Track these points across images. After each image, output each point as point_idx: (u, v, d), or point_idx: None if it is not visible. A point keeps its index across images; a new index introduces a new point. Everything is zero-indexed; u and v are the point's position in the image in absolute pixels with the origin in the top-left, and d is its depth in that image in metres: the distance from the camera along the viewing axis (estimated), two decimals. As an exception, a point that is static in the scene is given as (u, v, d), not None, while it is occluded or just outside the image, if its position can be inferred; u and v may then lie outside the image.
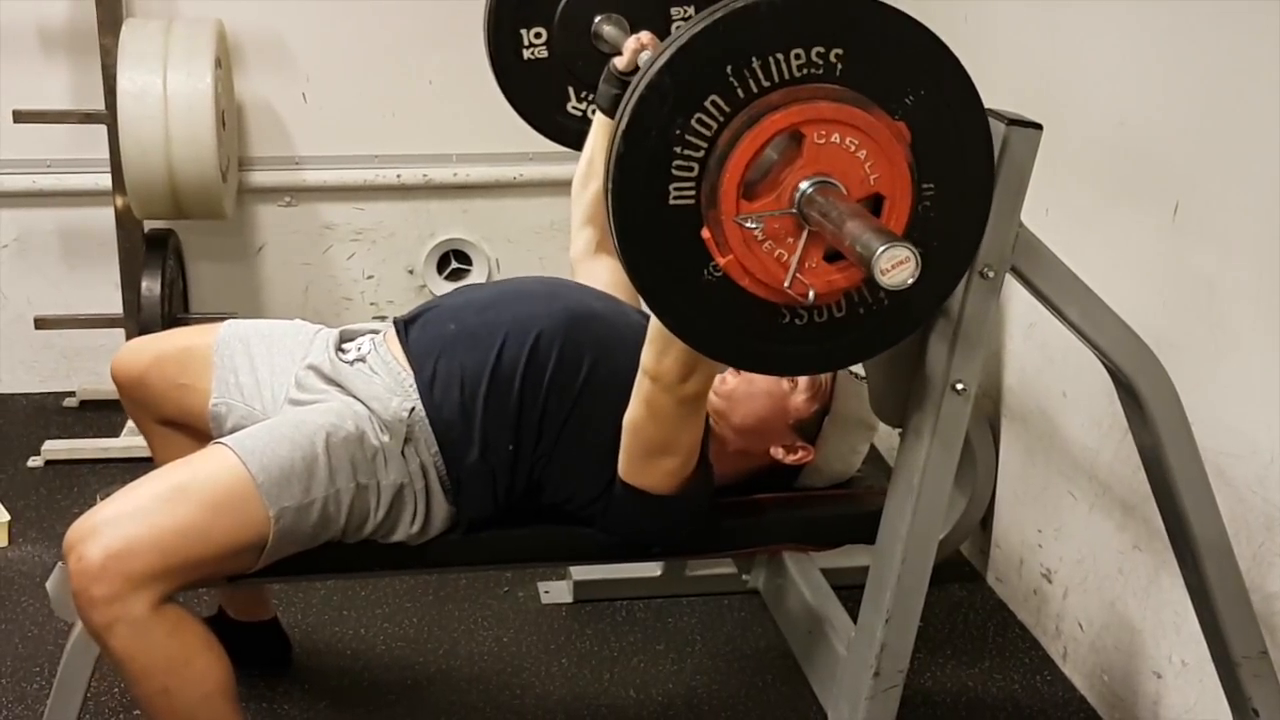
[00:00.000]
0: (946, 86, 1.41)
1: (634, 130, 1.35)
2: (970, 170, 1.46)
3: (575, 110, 2.34)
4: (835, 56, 1.36)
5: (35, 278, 3.33)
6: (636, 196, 1.37)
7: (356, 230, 3.47)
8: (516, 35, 2.28)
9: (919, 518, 1.65)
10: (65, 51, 3.18)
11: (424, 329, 1.92)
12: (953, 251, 1.50)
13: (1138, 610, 2.19)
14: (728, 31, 1.34)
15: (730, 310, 1.42)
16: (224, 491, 1.67)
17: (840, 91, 1.36)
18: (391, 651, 2.41)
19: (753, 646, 2.46)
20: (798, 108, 1.34)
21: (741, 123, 1.35)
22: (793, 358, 1.51)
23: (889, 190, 1.39)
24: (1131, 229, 2.15)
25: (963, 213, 1.47)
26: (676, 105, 1.34)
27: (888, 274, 1.24)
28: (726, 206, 1.35)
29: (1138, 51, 2.14)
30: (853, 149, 1.36)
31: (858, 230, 1.27)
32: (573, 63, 2.28)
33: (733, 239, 1.37)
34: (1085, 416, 2.31)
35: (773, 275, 1.38)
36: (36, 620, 2.44)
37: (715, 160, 1.36)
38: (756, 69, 1.34)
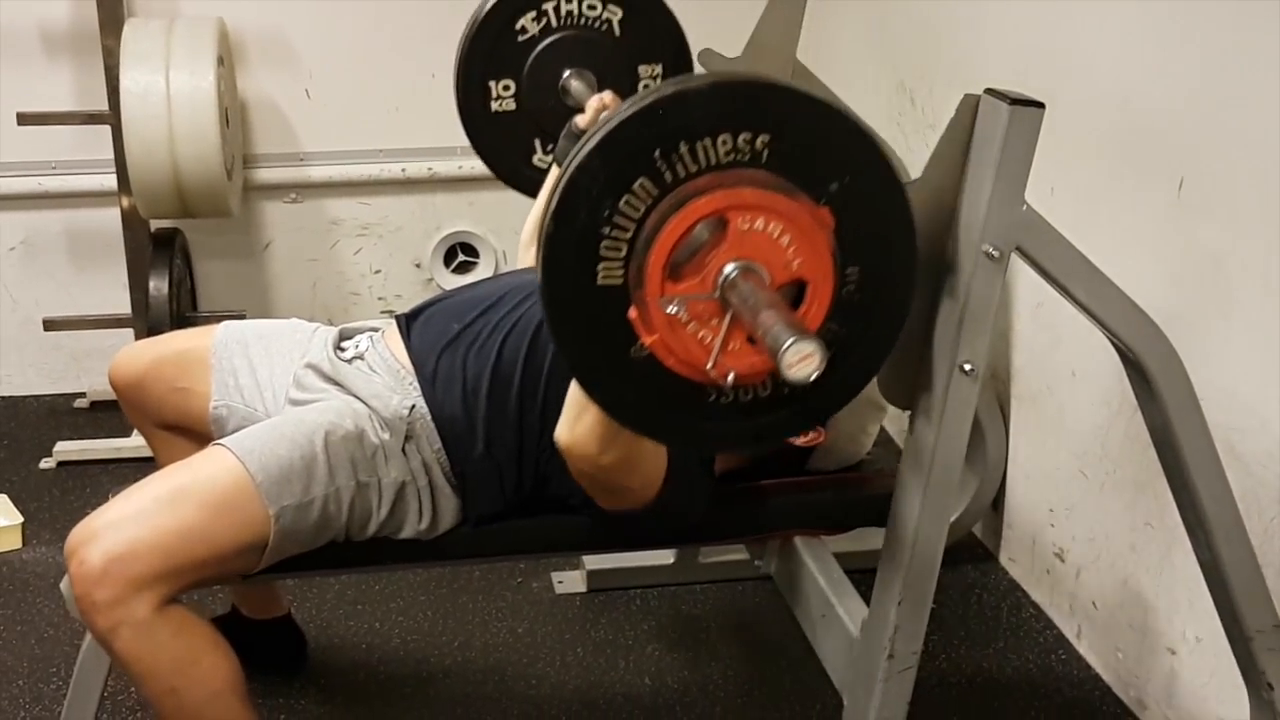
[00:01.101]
0: (870, 174, 1.44)
1: (564, 210, 1.38)
2: (894, 255, 1.48)
3: (541, 163, 2.38)
4: (761, 143, 1.38)
5: (43, 280, 3.34)
6: (566, 275, 1.40)
7: (363, 225, 3.47)
8: (485, 87, 2.32)
9: (930, 499, 1.65)
10: (68, 53, 3.18)
11: (426, 325, 1.92)
12: (876, 334, 1.52)
13: (1151, 587, 2.19)
14: (657, 117, 1.36)
15: (657, 387, 1.45)
16: (224, 492, 1.67)
17: (765, 177, 1.39)
18: (406, 645, 2.42)
19: (767, 631, 2.47)
20: (722, 193, 1.37)
21: (668, 206, 1.37)
22: (718, 435, 1.54)
23: (811, 275, 1.41)
24: (1137, 206, 2.14)
25: (886, 297, 1.50)
26: (606, 187, 1.37)
27: (792, 368, 1.27)
28: (651, 289, 1.38)
29: (1141, 28, 2.13)
30: (776, 235, 1.39)
31: (770, 321, 1.30)
32: (540, 116, 2.33)
33: (658, 320, 1.39)
34: (1094, 395, 2.31)
35: (696, 356, 1.41)
36: (52, 621, 2.45)
37: (642, 242, 1.38)
38: (684, 153, 1.37)
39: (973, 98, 1.58)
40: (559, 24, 2.30)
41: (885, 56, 3.12)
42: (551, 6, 2.28)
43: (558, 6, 2.28)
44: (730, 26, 2.52)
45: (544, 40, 2.30)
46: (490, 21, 2.29)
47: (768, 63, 2.41)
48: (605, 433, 1.61)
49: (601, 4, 2.29)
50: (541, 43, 2.30)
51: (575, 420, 1.63)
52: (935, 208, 1.61)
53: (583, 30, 2.30)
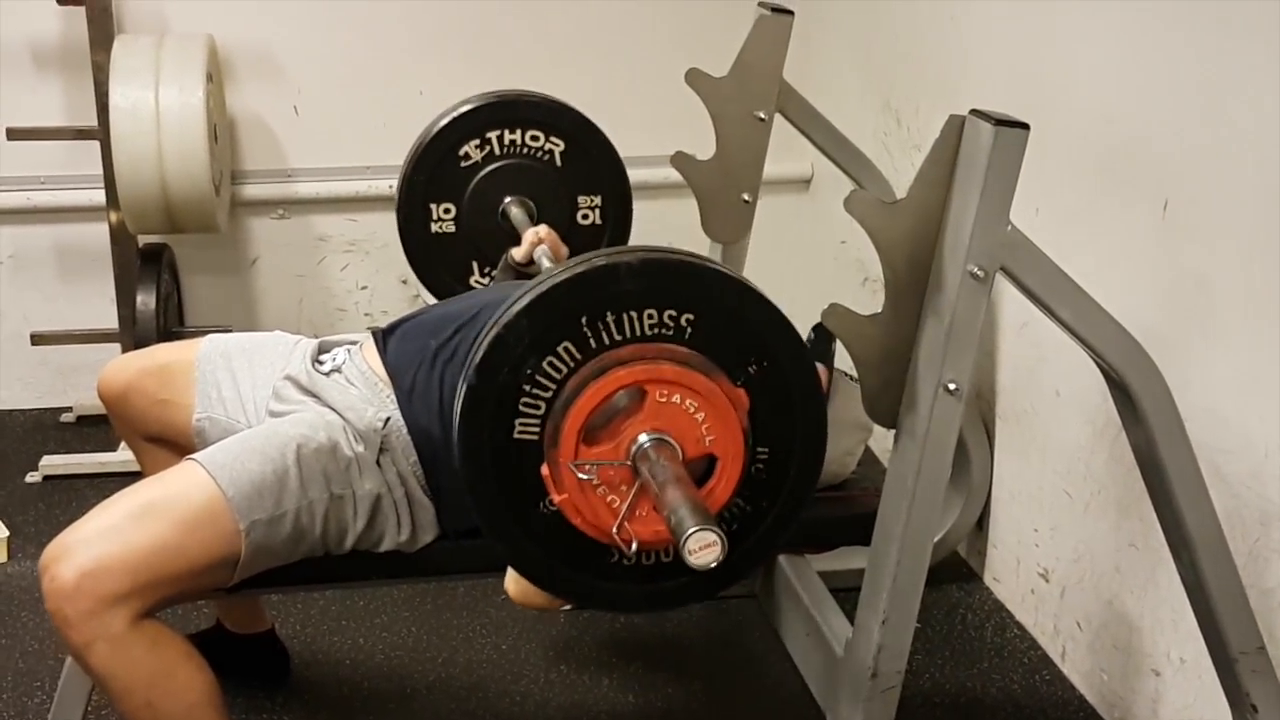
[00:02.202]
0: (788, 361, 1.51)
1: (488, 364, 1.44)
2: (804, 439, 1.55)
3: (477, 284, 2.45)
4: (685, 320, 1.45)
5: (31, 294, 3.34)
6: (484, 425, 1.46)
7: (350, 241, 3.47)
8: (426, 208, 2.41)
9: (914, 518, 1.66)
10: (58, 68, 3.19)
11: (403, 340, 1.92)
12: (780, 512, 1.59)
13: (1135, 608, 2.19)
14: (588, 285, 1.43)
15: (562, 543, 1.50)
16: (194, 507, 1.67)
17: (686, 354, 1.45)
18: (390, 661, 2.42)
19: (751, 650, 2.47)
20: (643, 366, 1.43)
21: (589, 371, 1.43)
22: (617, 595, 1.60)
23: (722, 452, 1.47)
24: (1122, 226, 2.16)
25: (793, 478, 1.57)
26: (531, 347, 1.43)
27: (695, 554, 1.31)
28: (565, 450, 1.43)
29: (1125, 49, 2.15)
30: (691, 410, 1.45)
31: (676, 502, 1.35)
32: (479, 239, 2.42)
33: (568, 480, 1.44)
34: (1079, 415, 2.32)
35: (603, 519, 1.46)
36: (37, 636, 2.44)
37: (561, 403, 1.44)
38: (610, 323, 1.43)
39: (958, 118, 1.59)
40: (502, 152, 2.39)
41: (871, 76, 3.14)
42: (495, 135, 2.38)
43: (501, 135, 2.38)
44: (716, 47, 2.54)
45: (486, 167, 2.39)
46: (435, 146, 2.37)
47: (754, 82, 2.43)
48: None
49: (544, 135, 2.39)
50: (484, 170, 2.39)
51: (518, 578, 1.71)
52: (920, 228, 1.62)
53: (525, 159, 2.40)
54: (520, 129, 2.39)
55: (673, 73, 2.42)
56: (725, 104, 2.44)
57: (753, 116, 2.45)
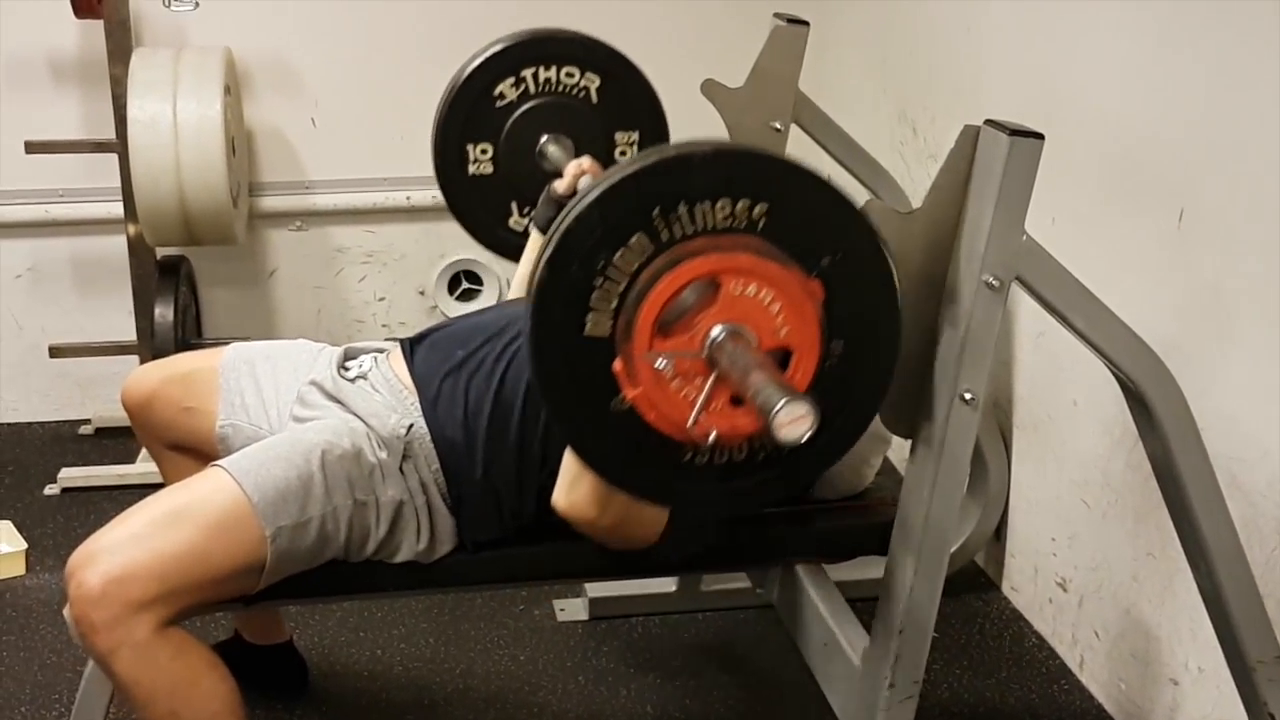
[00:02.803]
0: (862, 253, 1.47)
1: (558, 259, 1.40)
2: (878, 334, 1.51)
3: (516, 225, 2.41)
4: (759, 211, 1.41)
5: (49, 307, 3.36)
6: (554, 323, 1.42)
7: (367, 253, 3.48)
8: (463, 150, 2.35)
9: (930, 528, 1.66)
10: (76, 82, 3.20)
11: (430, 350, 1.93)
12: (853, 411, 1.54)
13: (1153, 617, 2.19)
14: (659, 176, 1.40)
15: (635, 442, 1.47)
16: (220, 513, 1.67)
17: (760, 245, 1.41)
18: (408, 672, 2.42)
19: (769, 660, 2.47)
20: (718, 256, 1.39)
21: (662, 264, 1.40)
22: (691, 494, 1.56)
23: (797, 345, 1.43)
24: (1137, 236, 2.15)
25: (867, 374, 1.52)
26: (602, 240, 1.40)
27: (784, 428, 1.29)
28: (639, 342, 1.40)
29: (1140, 58, 2.15)
30: (766, 301, 1.41)
31: (761, 382, 1.32)
32: (516, 179, 2.36)
33: (642, 374, 1.41)
34: (1096, 424, 2.31)
35: (678, 413, 1.42)
36: (55, 648, 2.45)
37: (633, 297, 1.41)
38: (683, 214, 1.40)
39: (973, 128, 1.59)
40: (537, 90, 2.34)
41: (887, 86, 3.14)
42: (530, 73, 2.33)
43: (536, 74, 2.33)
44: (732, 58, 2.54)
45: (521, 106, 2.34)
46: (469, 86, 2.33)
47: (770, 92, 2.43)
48: (602, 496, 1.66)
49: (579, 72, 2.34)
50: (519, 109, 2.34)
51: (571, 486, 1.68)
52: (935, 238, 1.62)
53: (560, 97, 2.35)
54: (555, 66, 2.34)
55: (688, 83, 2.42)
56: (741, 114, 2.43)
57: (768, 127, 2.45)
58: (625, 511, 1.70)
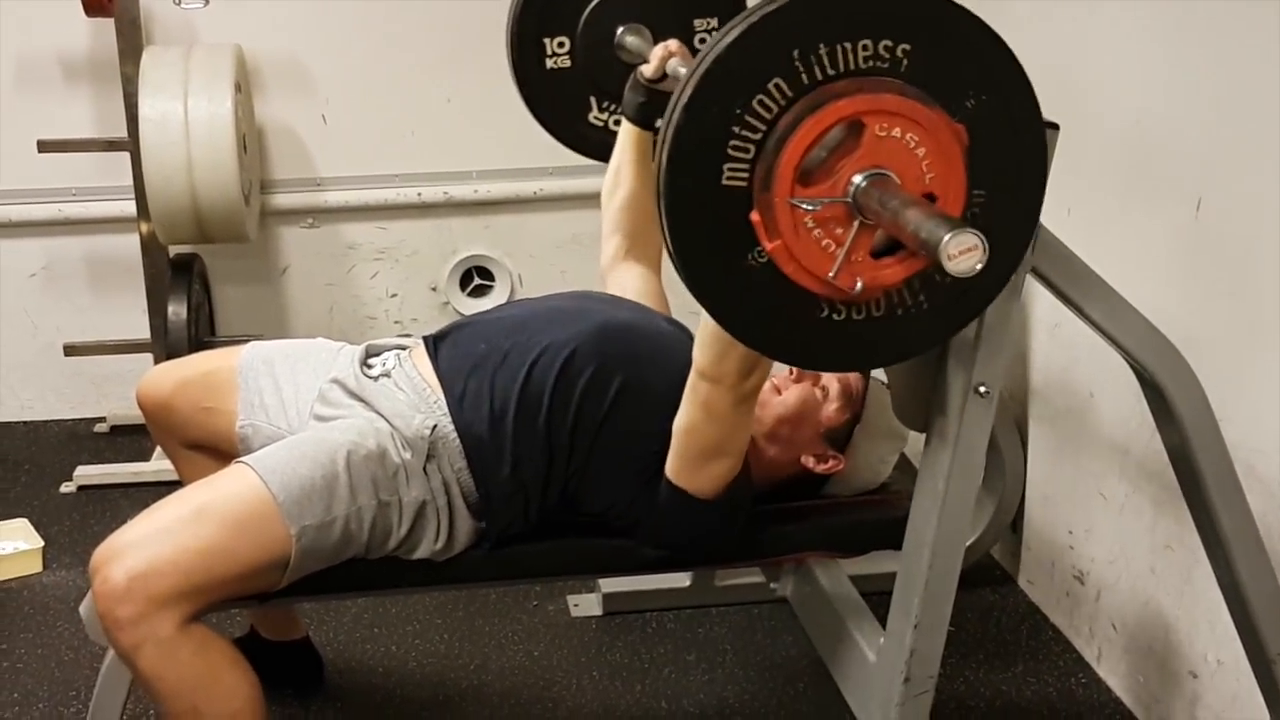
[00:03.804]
0: (1009, 95, 1.40)
1: (695, 105, 1.32)
2: (1022, 181, 1.43)
3: (597, 120, 2.34)
4: (902, 51, 1.34)
5: (63, 305, 3.37)
6: (689, 173, 1.35)
7: (379, 249, 3.48)
8: (540, 44, 2.28)
9: (945, 522, 1.65)
10: (87, 81, 3.21)
11: (454, 347, 1.93)
12: (994, 265, 1.42)
13: (1172, 610, 2.17)
14: (797, 16, 1.32)
15: (770, 298, 1.39)
16: (246, 511, 1.68)
17: (904, 86, 1.34)
18: (423, 668, 2.42)
19: (783, 655, 2.46)
20: (863, 97, 1.32)
21: (804, 107, 1.32)
22: (827, 352, 1.48)
23: (942, 191, 1.36)
24: (1154, 226, 2.14)
25: (1010, 224, 1.44)
26: (740, 84, 1.32)
27: (955, 259, 1.21)
28: (781, 189, 1.33)
29: (1155, 48, 2.13)
30: (912, 145, 1.34)
31: (921, 217, 1.25)
32: (595, 73, 2.28)
33: (783, 224, 1.34)
34: (1113, 415, 2.30)
35: (819, 264, 1.35)
36: (72, 645, 2.46)
37: (773, 143, 1.33)
38: (823, 55, 1.32)
39: (987, 118, 1.57)
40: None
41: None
42: None
43: None
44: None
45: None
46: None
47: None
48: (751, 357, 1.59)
49: None
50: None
51: (722, 356, 1.61)
52: (950, 229, 1.60)
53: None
54: None
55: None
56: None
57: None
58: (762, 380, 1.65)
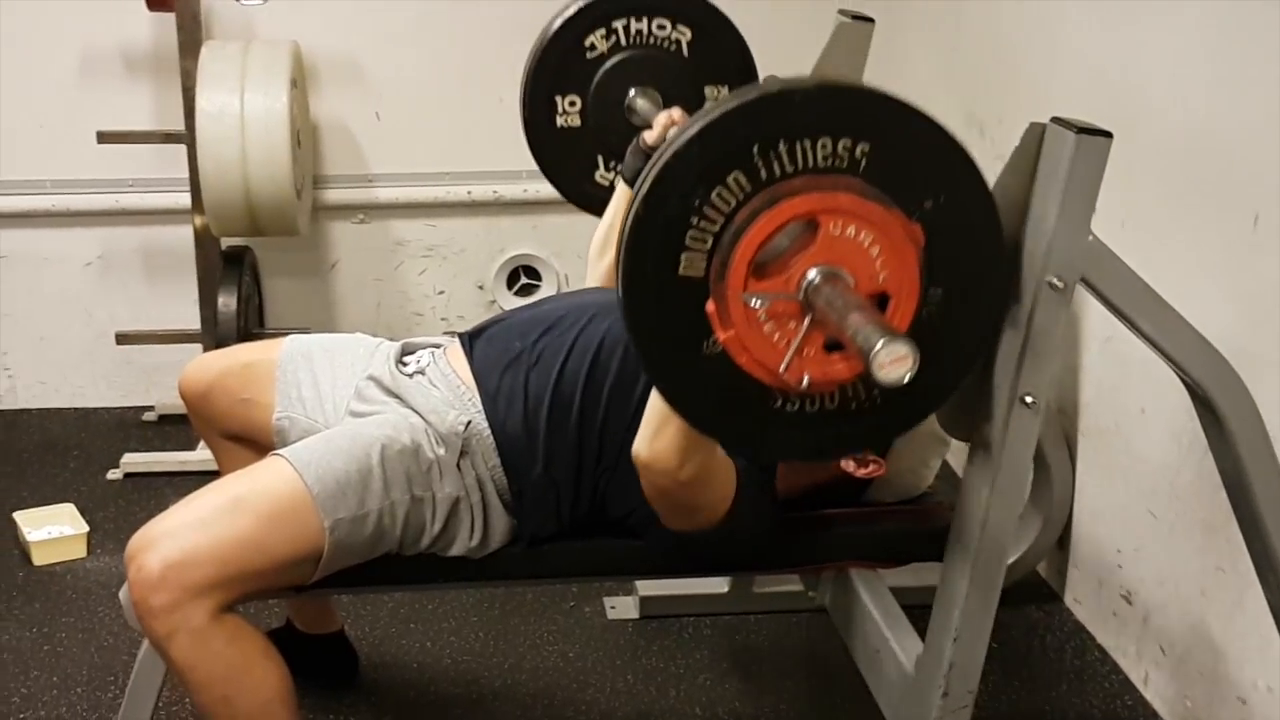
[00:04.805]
0: (967, 196, 1.42)
1: (655, 196, 1.36)
2: (979, 281, 1.46)
3: (603, 179, 2.37)
4: (861, 151, 1.36)
5: (118, 294, 3.41)
6: (648, 261, 1.38)
7: (428, 246, 3.49)
8: (552, 101, 2.32)
9: (988, 534, 1.62)
10: (148, 74, 3.25)
11: (489, 344, 1.92)
12: (950, 362, 1.50)
13: (1221, 633, 2.13)
14: (759, 113, 1.35)
15: (725, 386, 1.43)
16: (280, 503, 1.68)
17: (861, 186, 1.37)
18: (457, 665, 2.42)
19: (820, 665, 2.43)
20: (818, 195, 1.35)
21: (761, 202, 1.36)
22: (780, 443, 1.51)
23: (896, 290, 1.39)
24: (1211, 240, 2.09)
25: (966, 323, 1.47)
26: (700, 177, 1.35)
27: (885, 369, 1.24)
28: (734, 282, 1.36)
29: (1214, 59, 2.09)
30: (866, 244, 1.36)
31: (861, 322, 1.28)
32: (604, 133, 2.32)
33: (736, 315, 1.37)
34: (1164, 432, 2.25)
35: (770, 357, 1.38)
36: (112, 630, 2.48)
37: (730, 236, 1.37)
38: (783, 152, 1.35)
39: (1039, 126, 1.55)
40: (628, 43, 2.29)
41: (955, 86, 3.09)
42: (621, 25, 2.28)
43: (627, 25, 2.28)
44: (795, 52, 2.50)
45: (612, 58, 2.29)
46: (560, 37, 2.28)
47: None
48: (685, 447, 1.59)
49: (671, 24, 2.28)
50: (609, 60, 2.29)
51: (655, 434, 1.62)
52: (999, 236, 1.58)
53: (651, 49, 2.29)
54: (646, 17, 2.29)
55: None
56: (803, 111, 2.40)
57: (831, 124, 2.41)
58: (705, 468, 1.64)
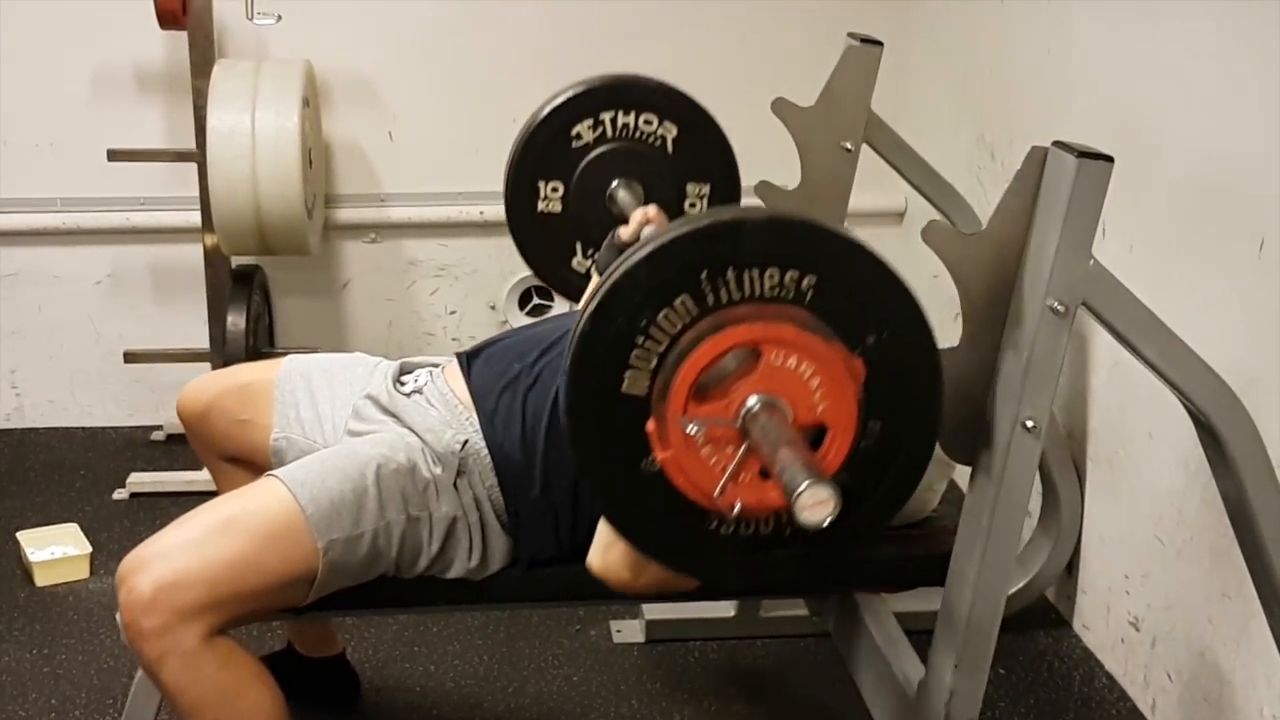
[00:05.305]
0: (909, 335, 1.45)
1: (603, 312, 1.40)
2: (918, 419, 1.49)
3: (579, 266, 2.40)
4: (808, 283, 1.40)
5: (127, 313, 3.41)
6: (592, 376, 1.42)
7: (440, 266, 3.49)
8: (534, 186, 2.36)
9: (988, 560, 1.61)
10: (160, 92, 3.25)
11: (487, 364, 1.92)
12: (887, 492, 1.52)
13: (1228, 661, 2.10)
14: (711, 239, 1.40)
15: (661, 506, 1.45)
16: (273, 523, 1.67)
17: (805, 318, 1.40)
18: (460, 689, 2.40)
19: (826, 689, 2.41)
20: (761, 325, 1.39)
21: (706, 327, 1.39)
22: (716, 565, 1.54)
23: (834, 422, 1.42)
24: (1218, 265, 2.08)
25: (903, 456, 1.50)
26: (648, 298, 1.39)
27: (806, 510, 1.27)
28: (674, 405, 1.39)
29: (1224, 84, 2.08)
30: (806, 375, 1.40)
31: (788, 459, 1.31)
32: (584, 221, 2.35)
33: (674, 437, 1.40)
34: (1172, 458, 2.23)
35: (706, 480, 1.41)
36: (113, 653, 2.47)
37: (673, 358, 1.40)
38: (731, 280, 1.39)
39: (1040, 150, 1.55)
40: (613, 135, 2.33)
41: (966, 108, 3.08)
42: (608, 117, 2.32)
43: (614, 118, 2.32)
44: (803, 75, 2.51)
45: (597, 149, 2.33)
46: (547, 124, 2.33)
47: (841, 112, 2.39)
48: (637, 560, 1.63)
49: (657, 120, 2.33)
50: (594, 151, 2.33)
51: (606, 548, 1.66)
52: (1000, 260, 1.58)
53: (636, 143, 2.33)
54: (634, 111, 2.33)
55: (762, 103, 2.39)
56: (811, 134, 2.40)
57: (839, 147, 2.41)
58: (661, 575, 1.66)
